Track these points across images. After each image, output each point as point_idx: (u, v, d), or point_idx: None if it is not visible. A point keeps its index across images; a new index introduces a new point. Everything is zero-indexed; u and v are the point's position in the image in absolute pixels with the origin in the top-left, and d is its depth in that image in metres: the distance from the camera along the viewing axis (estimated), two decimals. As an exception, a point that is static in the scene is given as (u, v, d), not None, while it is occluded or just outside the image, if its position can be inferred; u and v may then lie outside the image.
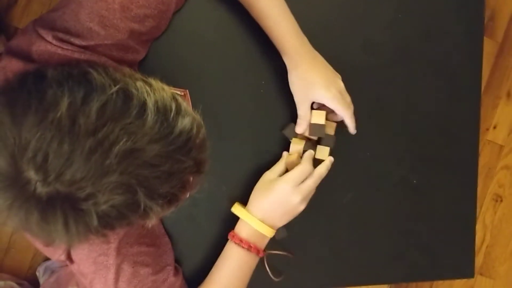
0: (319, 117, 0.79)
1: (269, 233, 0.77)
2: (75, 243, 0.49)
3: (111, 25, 0.64)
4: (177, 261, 0.81)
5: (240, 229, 0.77)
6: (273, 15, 0.76)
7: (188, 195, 0.57)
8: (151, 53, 0.77)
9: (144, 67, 0.77)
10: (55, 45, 0.62)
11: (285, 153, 0.81)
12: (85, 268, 0.69)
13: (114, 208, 0.48)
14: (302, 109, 0.79)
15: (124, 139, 0.46)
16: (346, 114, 0.78)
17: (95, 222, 0.47)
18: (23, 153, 0.45)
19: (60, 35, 0.62)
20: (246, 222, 0.77)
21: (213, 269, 0.79)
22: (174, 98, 0.53)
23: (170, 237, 0.81)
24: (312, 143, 0.82)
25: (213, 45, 0.82)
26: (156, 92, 0.51)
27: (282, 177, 0.77)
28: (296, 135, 0.82)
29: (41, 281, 1.32)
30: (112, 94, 0.48)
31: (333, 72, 0.79)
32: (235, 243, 0.76)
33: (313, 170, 0.78)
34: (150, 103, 0.49)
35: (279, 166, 0.80)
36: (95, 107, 0.46)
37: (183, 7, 0.79)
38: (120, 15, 0.64)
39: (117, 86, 0.49)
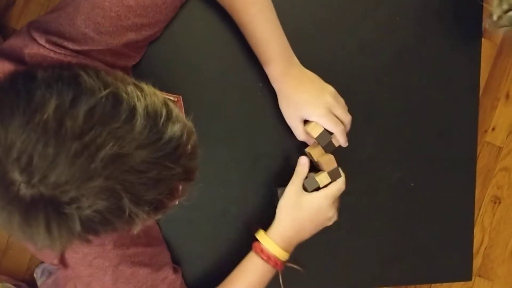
0: (317, 128, 0.78)
1: (285, 257, 0.77)
2: (58, 247, 0.49)
3: (106, 32, 0.64)
4: (175, 261, 0.81)
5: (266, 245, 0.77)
6: (261, 39, 0.76)
7: (176, 202, 0.56)
8: (146, 55, 0.77)
9: (139, 70, 0.76)
10: (48, 49, 0.61)
11: (302, 158, 0.80)
12: (81, 272, 0.68)
13: (98, 213, 0.47)
14: (295, 128, 0.80)
15: (111, 144, 0.46)
16: (335, 130, 0.77)
17: (78, 226, 0.47)
18: (8, 153, 0.45)
19: (54, 38, 0.62)
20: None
21: (231, 277, 0.78)
22: (165, 103, 0.53)
23: (166, 239, 0.81)
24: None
25: (209, 47, 0.82)
26: (147, 97, 0.51)
27: (320, 192, 0.77)
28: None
29: (38, 282, 1.32)
30: (101, 97, 0.47)
31: (321, 88, 0.79)
32: (258, 254, 0.76)
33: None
34: (140, 108, 0.49)
35: (299, 177, 0.79)
36: (83, 110, 0.46)
37: (180, 9, 0.78)
38: (116, 24, 0.64)
39: (107, 90, 0.48)
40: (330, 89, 0.79)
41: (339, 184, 0.78)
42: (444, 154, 0.92)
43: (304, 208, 0.77)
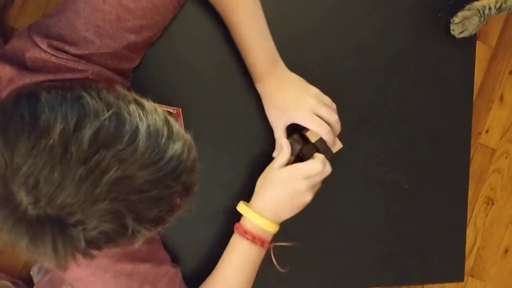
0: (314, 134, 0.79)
1: (273, 228, 0.76)
2: (62, 264, 0.50)
3: (107, 35, 0.64)
4: (173, 260, 0.81)
5: (245, 221, 0.77)
6: (247, 40, 0.76)
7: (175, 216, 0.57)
8: (144, 62, 0.77)
9: (138, 79, 0.77)
10: (49, 53, 0.62)
11: (284, 141, 0.79)
12: (81, 273, 0.69)
13: (102, 233, 0.48)
14: (277, 132, 0.80)
15: (115, 168, 0.46)
16: (320, 131, 0.77)
17: (83, 246, 0.48)
18: (14, 176, 0.45)
19: (55, 43, 0.62)
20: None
21: (219, 261, 0.79)
22: (166, 121, 0.53)
23: (163, 239, 0.81)
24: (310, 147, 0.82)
25: (207, 53, 0.82)
26: (148, 115, 0.51)
27: (289, 167, 0.76)
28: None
29: (35, 280, 1.32)
30: (105, 119, 0.48)
31: (303, 89, 0.78)
32: (240, 234, 0.76)
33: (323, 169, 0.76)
34: (142, 129, 0.49)
35: (283, 156, 0.78)
36: (87, 134, 0.46)
37: (178, 13, 0.79)
38: (116, 26, 0.64)
39: (110, 111, 0.49)
40: (313, 90, 0.79)
41: (309, 164, 0.76)
42: (438, 156, 0.92)
43: (272, 181, 0.76)
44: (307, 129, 0.79)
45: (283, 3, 0.84)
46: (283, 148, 0.79)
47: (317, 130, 0.77)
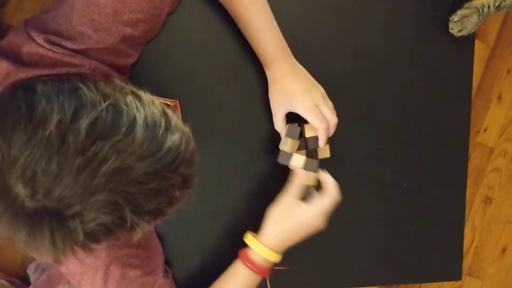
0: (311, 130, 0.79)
1: (278, 258, 0.77)
2: (61, 258, 0.50)
3: (102, 29, 0.64)
4: (166, 261, 0.81)
5: (254, 254, 0.76)
6: (257, 28, 0.76)
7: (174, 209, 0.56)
8: (141, 58, 0.77)
9: (135, 73, 0.77)
10: (46, 48, 0.61)
11: (295, 169, 0.79)
12: (73, 269, 0.69)
13: (101, 225, 0.48)
14: (276, 116, 0.80)
15: (113, 158, 0.46)
16: (318, 126, 0.77)
17: (81, 238, 0.48)
18: (11, 169, 0.45)
19: (52, 38, 0.62)
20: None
21: (217, 284, 0.78)
22: (164, 112, 0.53)
23: (159, 237, 0.81)
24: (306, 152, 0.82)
25: (205, 48, 0.82)
26: (146, 107, 0.51)
27: (316, 206, 0.76)
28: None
29: (32, 279, 1.32)
30: (102, 110, 0.48)
31: (313, 84, 0.79)
32: (244, 263, 0.76)
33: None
34: (140, 120, 0.49)
35: (294, 188, 0.78)
36: (84, 124, 0.46)
37: (176, 10, 0.79)
38: (112, 19, 0.64)
39: (107, 102, 0.48)
40: (321, 88, 0.80)
41: (334, 198, 0.77)
42: (436, 155, 0.93)
43: (295, 220, 0.76)
44: (304, 123, 0.79)
45: (283, 2, 0.84)
46: (296, 175, 0.78)
47: (317, 123, 0.77)
